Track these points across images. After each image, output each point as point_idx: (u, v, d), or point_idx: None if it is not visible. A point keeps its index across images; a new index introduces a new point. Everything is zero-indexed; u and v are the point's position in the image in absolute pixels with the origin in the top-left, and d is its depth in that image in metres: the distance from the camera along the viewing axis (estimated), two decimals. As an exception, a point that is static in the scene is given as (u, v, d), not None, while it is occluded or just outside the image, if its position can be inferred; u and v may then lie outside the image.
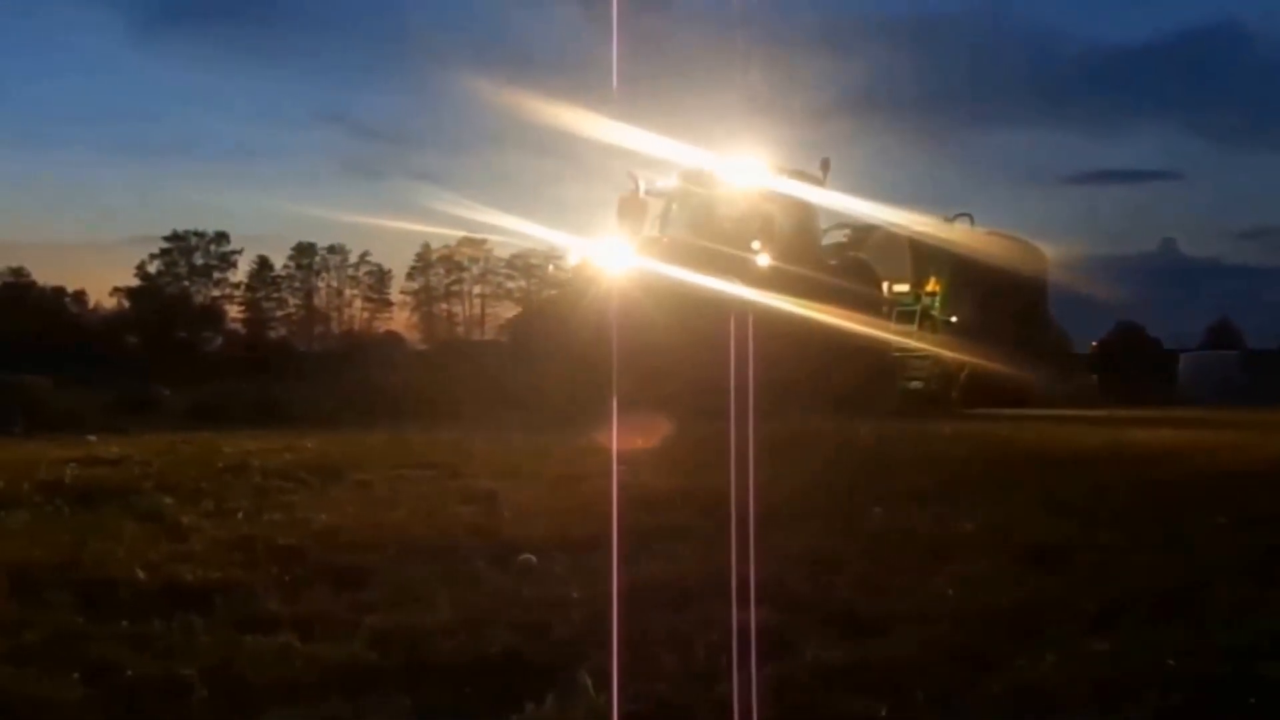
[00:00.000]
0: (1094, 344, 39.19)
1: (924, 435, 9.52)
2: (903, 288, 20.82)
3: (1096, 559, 4.18)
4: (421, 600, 3.37)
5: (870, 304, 17.62)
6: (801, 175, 18.00)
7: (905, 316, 20.29)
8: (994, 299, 20.90)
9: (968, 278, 20.86)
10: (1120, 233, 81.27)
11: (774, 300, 13.81)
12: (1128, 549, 4.38)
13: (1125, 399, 21.76)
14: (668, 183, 17.76)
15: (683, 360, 12.87)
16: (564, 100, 16.21)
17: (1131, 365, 31.16)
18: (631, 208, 17.03)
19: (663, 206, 18.07)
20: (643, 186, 17.27)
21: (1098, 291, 27.99)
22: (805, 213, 18.07)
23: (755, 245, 15.86)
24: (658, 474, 6.30)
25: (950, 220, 22.43)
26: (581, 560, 3.86)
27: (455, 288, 64.12)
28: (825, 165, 18.24)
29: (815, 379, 14.83)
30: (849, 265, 18.65)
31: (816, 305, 15.37)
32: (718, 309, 13.18)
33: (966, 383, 20.15)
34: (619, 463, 6.74)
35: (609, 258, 15.82)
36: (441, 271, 63.98)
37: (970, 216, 22.56)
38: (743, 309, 13.17)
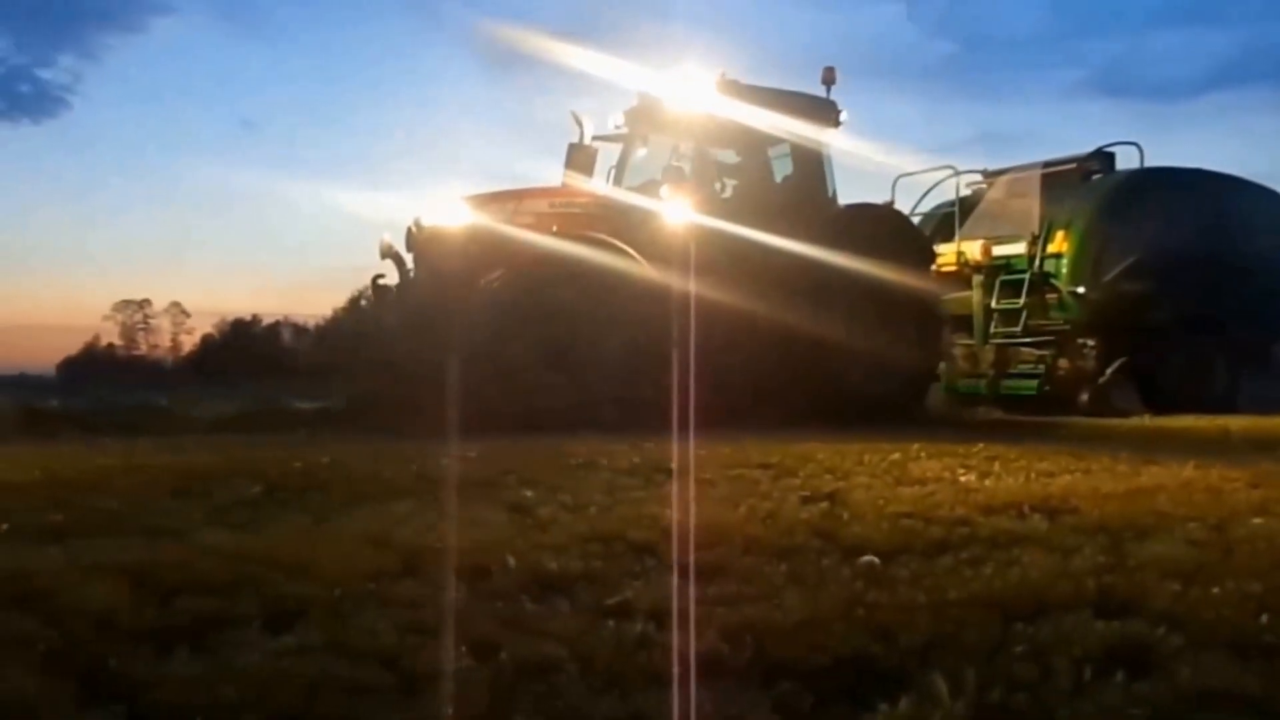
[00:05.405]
0: None
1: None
2: (1013, 249, 15.14)
3: None
4: (769, 597, 3.44)
5: (886, 285, 12.30)
6: (790, 102, 12.77)
7: (1009, 289, 15.11)
8: (1161, 264, 14.76)
9: (1116, 233, 14.81)
10: None
11: (708, 280, 10.22)
12: None
13: None
14: (618, 122, 13.50)
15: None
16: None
17: None
18: (580, 158, 12.63)
19: (620, 154, 13.80)
20: (589, 131, 12.73)
21: None
22: (806, 156, 13.12)
23: (664, 193, 11.87)
24: (986, 478, 6.10)
25: (1100, 154, 15.93)
26: (927, 564, 3.81)
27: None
28: (829, 77, 12.85)
29: (768, 381, 11.88)
30: (866, 227, 13.07)
31: (778, 285, 11.68)
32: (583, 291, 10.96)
33: (1114, 380, 14.70)
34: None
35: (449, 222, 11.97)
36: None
37: (1139, 146, 16.06)
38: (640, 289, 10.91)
